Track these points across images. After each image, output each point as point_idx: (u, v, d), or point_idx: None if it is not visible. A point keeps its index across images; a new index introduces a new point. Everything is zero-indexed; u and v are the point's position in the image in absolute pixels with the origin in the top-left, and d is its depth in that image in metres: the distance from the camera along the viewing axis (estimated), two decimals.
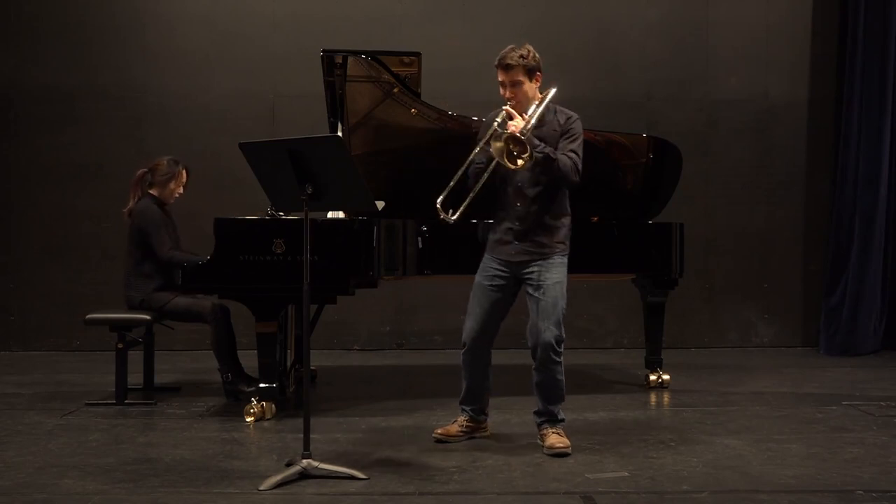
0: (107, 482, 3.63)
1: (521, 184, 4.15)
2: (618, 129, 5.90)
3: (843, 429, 4.58)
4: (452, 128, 5.27)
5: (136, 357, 5.52)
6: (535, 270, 4.13)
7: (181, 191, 5.56)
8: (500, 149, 3.92)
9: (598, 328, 7.68)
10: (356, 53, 5.05)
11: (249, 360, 5.14)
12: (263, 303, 4.76)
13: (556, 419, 4.20)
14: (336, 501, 3.44)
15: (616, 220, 5.52)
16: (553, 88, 4.18)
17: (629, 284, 5.97)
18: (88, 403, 5.18)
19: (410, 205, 5.23)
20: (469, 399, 4.36)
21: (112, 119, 7.52)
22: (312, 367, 5.87)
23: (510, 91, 4.10)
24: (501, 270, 4.20)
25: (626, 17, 7.71)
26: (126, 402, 5.15)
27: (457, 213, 4.08)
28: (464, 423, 4.35)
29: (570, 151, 4.10)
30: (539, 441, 4.18)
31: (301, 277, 3.81)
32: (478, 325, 4.22)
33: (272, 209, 4.80)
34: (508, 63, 4.07)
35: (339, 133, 5.20)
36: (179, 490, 3.54)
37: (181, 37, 7.58)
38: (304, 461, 3.66)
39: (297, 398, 5.38)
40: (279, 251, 4.69)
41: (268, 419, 4.74)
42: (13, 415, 4.93)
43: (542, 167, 4.06)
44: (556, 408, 4.20)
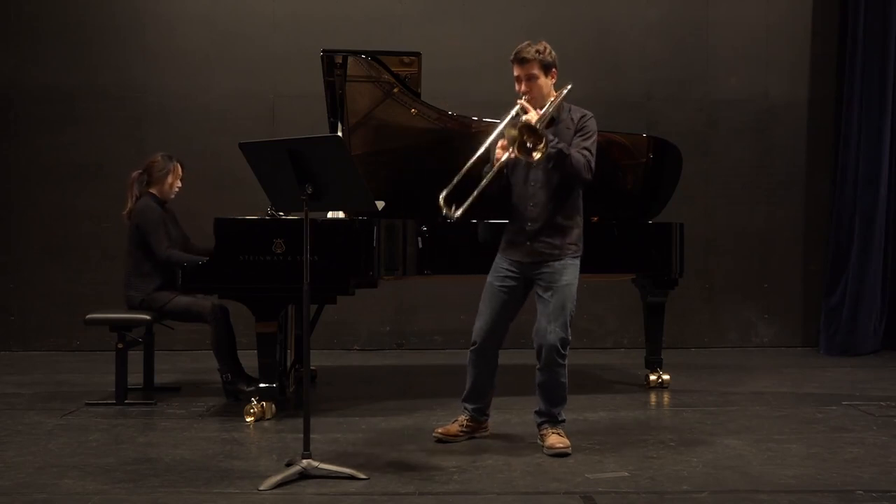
0: (107, 482, 3.63)
1: (535, 183, 4.14)
2: (618, 129, 5.89)
3: (843, 429, 4.58)
4: (452, 128, 5.27)
5: (136, 357, 5.52)
6: (547, 272, 4.13)
7: (179, 185, 5.56)
8: (514, 138, 3.88)
9: (598, 328, 7.68)
10: (356, 53, 5.05)
11: (249, 360, 5.14)
12: (263, 303, 4.76)
13: (557, 420, 4.21)
14: (336, 501, 3.44)
15: (616, 220, 5.52)
16: (569, 85, 4.16)
17: (629, 284, 5.97)
18: (88, 403, 5.18)
19: (410, 205, 5.24)
20: (472, 397, 4.36)
21: (112, 119, 7.52)
22: (312, 367, 5.87)
23: (525, 85, 4.07)
24: (512, 271, 4.20)
25: (626, 17, 7.71)
26: (126, 402, 5.15)
27: (459, 210, 4.06)
28: (464, 423, 4.35)
29: (584, 149, 4.08)
30: (539, 441, 4.18)
31: (301, 277, 3.81)
32: (487, 325, 4.23)
33: (272, 209, 4.80)
34: (524, 57, 4.06)
35: (339, 133, 5.20)
36: (179, 490, 3.54)
37: (181, 37, 7.58)
38: (304, 461, 3.66)
39: (297, 398, 5.38)
40: (279, 251, 4.69)
41: (268, 419, 4.74)
42: (13, 415, 4.93)
43: (556, 162, 4.03)
44: (558, 409, 4.20)
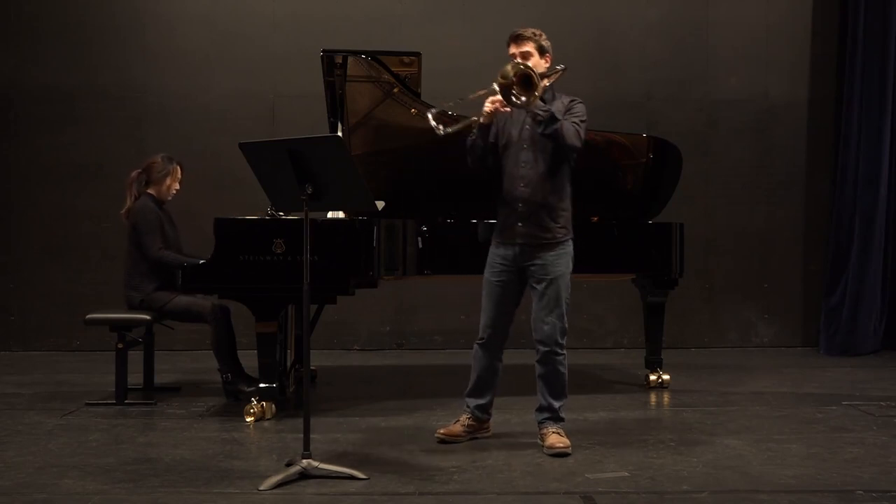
0: (107, 482, 3.63)
1: (525, 164, 4.17)
2: (618, 129, 5.90)
3: (843, 429, 4.58)
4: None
5: (136, 357, 5.52)
6: (539, 263, 4.16)
7: (177, 187, 5.56)
8: (507, 73, 3.88)
9: (598, 328, 7.68)
10: (356, 53, 5.05)
11: (249, 360, 5.14)
12: (263, 303, 4.76)
13: (558, 416, 4.21)
14: (336, 501, 3.44)
15: (616, 220, 5.53)
16: (562, 66, 4.20)
17: (629, 284, 5.97)
18: (88, 403, 5.18)
19: (410, 205, 5.24)
20: (476, 392, 4.35)
21: (112, 119, 7.52)
22: (312, 367, 5.87)
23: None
24: (506, 264, 4.23)
25: (626, 17, 7.71)
26: (126, 402, 5.15)
27: (448, 129, 4.13)
28: (466, 423, 4.34)
29: (574, 122, 4.13)
30: (539, 441, 4.18)
31: (301, 277, 3.81)
32: (492, 321, 4.26)
33: (272, 209, 4.80)
34: (521, 34, 4.16)
35: (339, 133, 5.20)
36: (179, 490, 3.54)
37: (181, 37, 7.58)
38: (304, 461, 3.66)
39: (297, 398, 5.38)
40: (279, 251, 4.69)
41: (268, 419, 4.74)
42: (13, 415, 4.93)
43: (545, 126, 4.04)
44: (558, 403, 4.21)
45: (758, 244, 7.76)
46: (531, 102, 3.93)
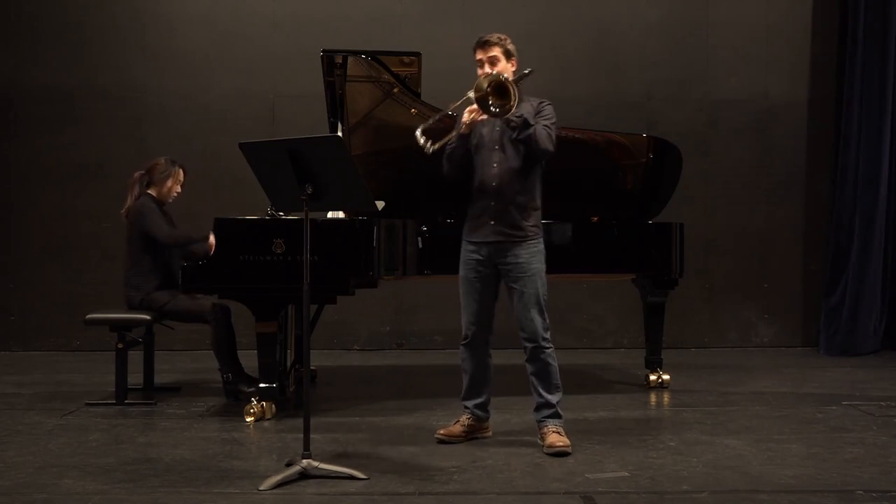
0: (107, 482, 3.63)
1: (497, 164, 4.19)
2: (618, 129, 5.90)
3: (843, 429, 4.58)
4: (452, 128, 5.25)
5: (136, 357, 5.52)
6: (513, 262, 4.18)
7: (179, 189, 5.56)
8: (481, 87, 3.92)
9: (598, 328, 7.68)
10: (356, 53, 5.05)
11: (249, 360, 5.14)
12: (263, 303, 4.76)
13: (557, 413, 4.21)
14: (336, 501, 3.44)
15: (616, 220, 5.52)
16: (529, 69, 4.20)
17: (629, 284, 5.97)
18: (88, 403, 5.18)
19: (410, 205, 5.24)
20: (471, 394, 4.36)
21: (112, 119, 7.52)
22: (312, 367, 5.87)
23: (489, 67, 4.18)
24: (480, 258, 4.25)
25: (626, 17, 7.71)
26: (126, 402, 5.15)
27: (436, 145, 4.15)
28: (466, 423, 4.34)
29: (545, 126, 4.16)
30: (539, 440, 4.18)
31: (301, 277, 3.81)
32: (474, 318, 4.28)
33: (272, 209, 4.80)
34: (488, 40, 4.19)
35: (339, 133, 5.20)
36: (179, 490, 3.54)
37: (181, 37, 7.59)
38: (304, 461, 3.66)
39: (297, 398, 5.38)
40: (279, 251, 4.69)
41: (268, 419, 4.74)
42: (13, 415, 4.93)
43: (519, 131, 4.08)
44: (555, 398, 4.21)
45: (758, 244, 7.76)
46: (508, 111, 3.97)
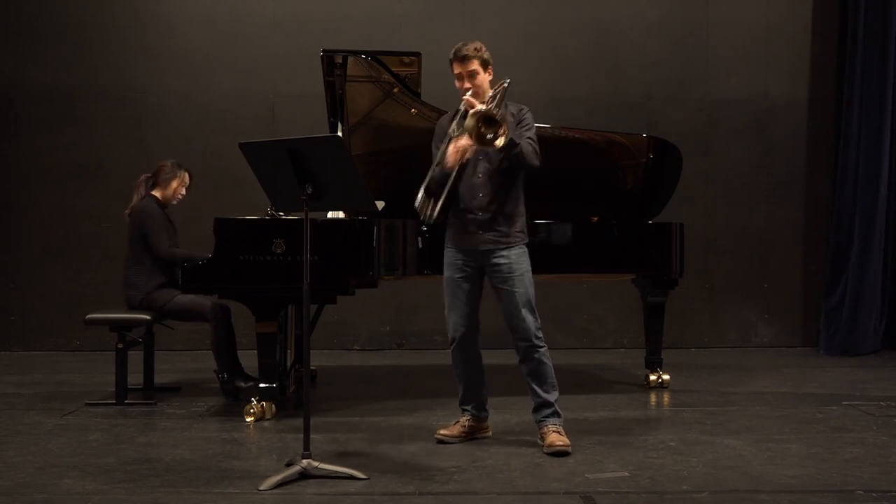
0: (107, 482, 3.63)
1: (483, 174, 4.20)
2: (618, 129, 5.90)
3: (843, 429, 4.58)
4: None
5: (136, 357, 5.52)
6: (501, 264, 4.18)
7: (183, 192, 5.57)
8: (473, 127, 3.94)
9: (598, 328, 7.68)
10: (356, 53, 5.05)
11: (249, 360, 5.14)
12: (263, 303, 4.76)
13: (556, 412, 4.21)
14: (336, 501, 3.44)
15: (616, 220, 5.52)
16: (507, 80, 4.21)
17: (629, 284, 5.97)
18: (88, 403, 5.18)
19: (410, 205, 5.22)
20: (468, 396, 4.36)
21: (112, 119, 7.52)
22: (312, 367, 5.87)
23: (468, 81, 4.19)
24: (466, 260, 4.25)
25: (626, 17, 7.72)
26: (126, 402, 5.15)
27: (435, 212, 4.17)
28: (466, 424, 4.35)
29: (529, 139, 4.17)
30: (539, 440, 4.18)
31: (301, 277, 3.81)
32: (462, 318, 4.27)
33: (272, 209, 4.80)
34: (465, 54, 4.19)
35: (339, 133, 5.20)
36: (179, 490, 3.54)
37: (181, 37, 7.59)
38: (304, 461, 3.66)
39: (297, 398, 5.38)
40: (279, 251, 4.69)
41: (268, 419, 4.74)
42: (13, 415, 4.93)
43: (507, 151, 4.08)
44: (552, 397, 4.21)
45: (758, 244, 7.76)
46: (502, 134, 3.95)
